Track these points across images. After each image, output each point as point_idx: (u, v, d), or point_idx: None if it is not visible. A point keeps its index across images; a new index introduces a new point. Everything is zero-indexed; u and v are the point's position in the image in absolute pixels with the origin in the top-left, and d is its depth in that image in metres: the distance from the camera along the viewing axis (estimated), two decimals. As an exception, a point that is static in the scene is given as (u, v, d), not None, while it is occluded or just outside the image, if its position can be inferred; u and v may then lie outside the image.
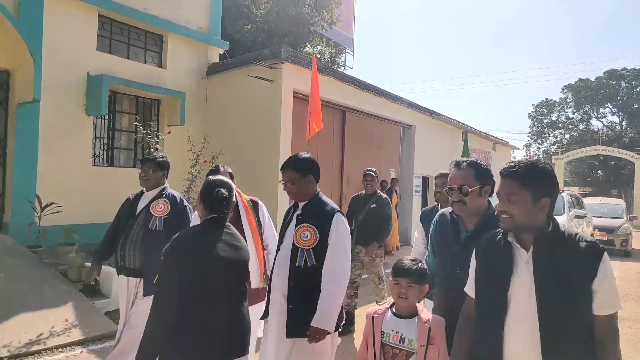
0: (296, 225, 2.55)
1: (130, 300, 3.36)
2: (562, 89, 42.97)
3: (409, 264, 2.14)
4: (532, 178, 1.69)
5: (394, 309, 2.15)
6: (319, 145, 8.47)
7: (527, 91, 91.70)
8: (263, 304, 2.71)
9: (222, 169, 3.35)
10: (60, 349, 4.10)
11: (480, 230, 2.11)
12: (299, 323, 2.38)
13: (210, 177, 2.36)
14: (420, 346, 2.02)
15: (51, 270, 5.49)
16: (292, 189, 2.58)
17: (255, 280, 2.98)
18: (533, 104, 46.53)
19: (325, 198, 2.65)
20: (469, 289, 1.92)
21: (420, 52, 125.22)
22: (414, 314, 2.11)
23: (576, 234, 1.72)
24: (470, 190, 2.12)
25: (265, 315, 2.61)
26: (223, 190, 2.16)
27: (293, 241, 2.51)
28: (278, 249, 2.65)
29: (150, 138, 6.01)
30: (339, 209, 2.59)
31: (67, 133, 6.68)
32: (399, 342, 2.07)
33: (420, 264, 2.17)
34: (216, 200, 2.13)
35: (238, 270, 2.15)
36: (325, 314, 2.35)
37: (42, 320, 4.48)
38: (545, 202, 1.68)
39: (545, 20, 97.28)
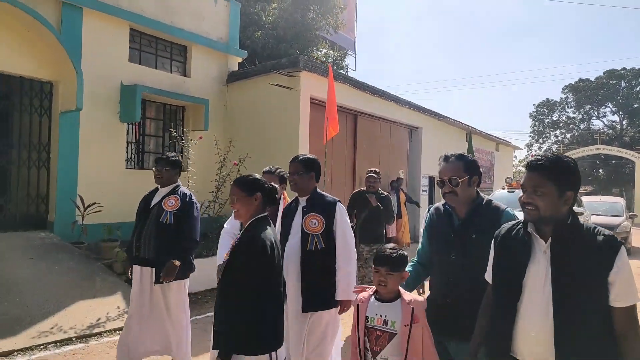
0: (303, 216, 2.93)
1: (146, 288, 3.55)
2: (563, 89, 43.44)
3: (388, 252, 2.24)
4: (558, 171, 1.72)
5: (377, 295, 2.25)
6: (333, 148, 8.99)
7: (528, 91, 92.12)
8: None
9: (273, 170, 3.65)
10: (117, 331, 4.62)
11: (471, 217, 2.27)
12: (313, 299, 2.81)
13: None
14: (405, 325, 2.10)
15: (97, 264, 6.02)
16: (296, 180, 2.97)
17: None
18: (534, 104, 46.88)
19: (323, 192, 3.08)
20: (488, 276, 1.98)
21: (420, 52, 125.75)
22: (396, 297, 2.21)
23: (595, 227, 1.76)
24: (460, 180, 2.24)
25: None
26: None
27: (302, 229, 2.88)
28: (286, 240, 2.94)
29: (183, 143, 6.53)
30: (338, 199, 3.02)
31: (103, 139, 7.21)
32: (383, 325, 2.16)
33: (399, 252, 2.25)
34: (275, 199, 2.38)
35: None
36: (347, 287, 2.81)
37: (98, 307, 5.02)
38: (569, 195, 1.72)
39: (546, 21, 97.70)
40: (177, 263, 3.44)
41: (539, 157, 1.77)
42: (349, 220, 3.01)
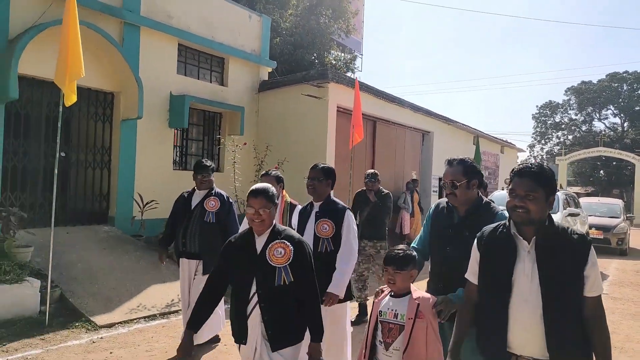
0: (315, 220, 3.25)
1: (191, 277, 4.11)
2: (565, 91, 44.06)
3: (395, 253, 2.38)
4: (546, 178, 1.90)
5: (391, 292, 2.42)
6: (354, 151, 9.83)
7: (531, 93, 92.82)
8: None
9: (272, 172, 4.01)
10: None
11: (469, 216, 2.48)
12: (321, 293, 2.89)
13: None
14: (409, 319, 2.23)
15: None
16: (315, 185, 3.29)
17: None
18: (537, 106, 47.62)
19: (335, 199, 3.37)
20: (471, 275, 2.12)
21: (423, 53, 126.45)
22: (407, 293, 2.34)
23: (567, 227, 1.94)
24: (458, 184, 2.45)
25: None
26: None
27: (314, 233, 3.22)
28: None
29: (230, 148, 7.39)
30: (347, 206, 3.34)
31: (155, 143, 8.08)
32: (394, 318, 2.30)
33: (405, 252, 2.38)
34: None
35: None
36: (339, 284, 3.10)
37: (169, 290, 5.89)
38: (552, 199, 1.91)
39: (549, 24, 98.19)
40: None
41: (529, 165, 1.94)
42: (355, 226, 3.30)
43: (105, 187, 7.67)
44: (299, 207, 3.75)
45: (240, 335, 2.30)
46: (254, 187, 2.32)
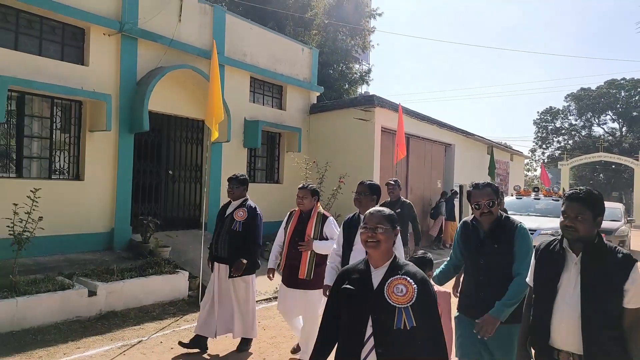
0: None
1: (220, 279, 4.46)
2: (565, 97, 45.54)
3: (414, 256, 3.00)
4: (593, 201, 2.12)
5: None
6: (391, 166, 11.43)
7: (532, 99, 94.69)
8: (316, 291, 4.03)
9: (309, 186, 4.30)
10: (273, 299, 7.00)
11: (494, 229, 2.81)
12: None
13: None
14: None
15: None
16: (361, 200, 3.68)
17: (300, 272, 4.15)
18: (538, 111, 49.01)
19: None
20: (530, 280, 2.37)
21: (425, 60, 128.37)
22: None
23: (616, 246, 2.15)
24: (494, 204, 2.80)
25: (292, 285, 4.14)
26: None
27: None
28: (351, 249, 3.55)
29: (291, 164, 8.97)
30: None
31: (234, 161, 9.66)
32: None
33: (422, 255, 3.08)
34: None
35: None
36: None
37: (264, 282, 7.44)
38: (600, 220, 2.13)
39: (550, 32, 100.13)
40: (245, 261, 4.32)
41: (577, 191, 2.18)
42: (399, 237, 3.45)
43: (197, 198, 9.24)
44: (331, 218, 4.23)
45: None
46: (371, 209, 2.24)
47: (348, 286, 2.08)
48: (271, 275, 4.44)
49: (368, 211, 2.19)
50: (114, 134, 7.47)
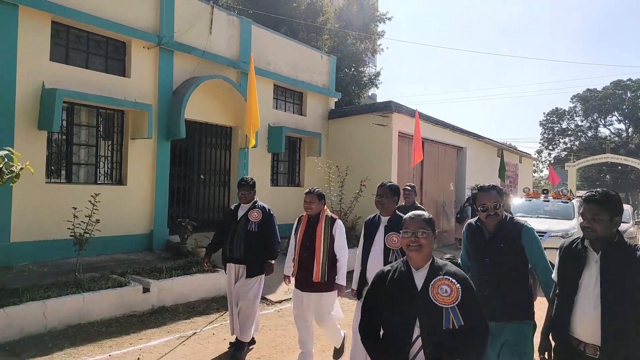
0: (385, 233, 3.59)
1: (237, 280, 4.61)
2: (571, 98, 45.92)
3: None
4: (610, 202, 2.26)
5: None
6: (407, 169, 11.86)
7: (537, 100, 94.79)
8: (331, 293, 4.12)
9: (315, 190, 4.32)
10: None
11: (500, 230, 2.87)
12: None
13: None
14: None
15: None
16: (383, 202, 3.69)
17: (315, 275, 4.09)
18: (544, 113, 49.17)
19: (401, 214, 3.53)
20: (555, 276, 2.54)
21: (430, 62, 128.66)
22: None
23: (636, 244, 2.26)
24: (500, 206, 2.87)
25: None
26: None
27: (385, 243, 3.57)
28: (369, 250, 3.65)
29: (329, 172, 9.44)
30: None
31: (260, 165, 10.12)
32: None
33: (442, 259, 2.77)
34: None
35: None
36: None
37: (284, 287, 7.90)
38: (617, 219, 2.26)
39: (555, 32, 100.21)
40: (272, 262, 4.63)
41: (594, 193, 2.30)
42: None
43: (225, 201, 9.71)
44: (339, 221, 4.26)
45: None
46: (410, 213, 2.28)
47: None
48: (287, 282, 4.53)
49: (407, 216, 2.27)
50: (153, 141, 7.95)
